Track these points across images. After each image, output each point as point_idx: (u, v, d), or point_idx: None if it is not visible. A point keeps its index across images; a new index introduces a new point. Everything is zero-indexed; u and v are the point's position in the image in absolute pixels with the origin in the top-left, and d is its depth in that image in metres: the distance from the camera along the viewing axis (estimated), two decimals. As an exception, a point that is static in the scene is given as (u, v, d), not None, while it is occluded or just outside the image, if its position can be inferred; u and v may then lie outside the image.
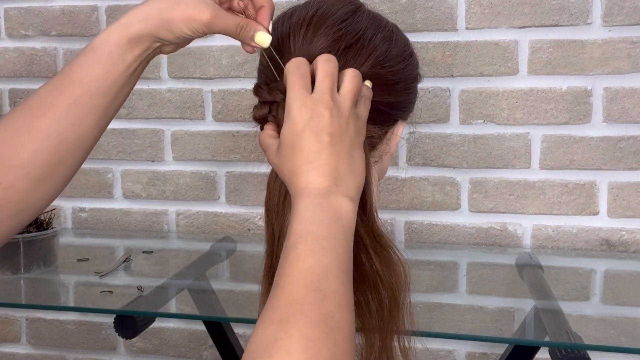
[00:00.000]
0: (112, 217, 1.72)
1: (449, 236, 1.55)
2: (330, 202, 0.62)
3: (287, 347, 0.51)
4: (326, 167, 0.63)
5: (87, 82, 0.67)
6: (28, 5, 1.71)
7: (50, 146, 0.67)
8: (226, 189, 1.66)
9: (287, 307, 0.55)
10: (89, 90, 0.68)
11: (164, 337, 1.72)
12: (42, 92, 0.68)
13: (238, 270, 1.51)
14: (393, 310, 0.67)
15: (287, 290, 0.56)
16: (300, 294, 0.55)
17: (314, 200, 0.62)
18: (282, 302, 0.55)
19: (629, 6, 1.43)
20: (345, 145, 0.64)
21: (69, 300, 1.35)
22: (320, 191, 0.62)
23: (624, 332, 1.11)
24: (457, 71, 1.51)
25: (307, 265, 0.57)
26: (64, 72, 0.69)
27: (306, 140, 0.63)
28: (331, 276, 0.57)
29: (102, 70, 0.68)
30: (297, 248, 0.59)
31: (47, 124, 0.67)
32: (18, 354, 1.81)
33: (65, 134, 0.67)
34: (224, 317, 1.33)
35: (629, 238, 1.47)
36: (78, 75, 0.67)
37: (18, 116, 0.67)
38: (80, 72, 0.68)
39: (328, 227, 0.60)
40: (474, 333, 1.17)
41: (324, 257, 0.58)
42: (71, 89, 0.67)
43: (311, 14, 0.71)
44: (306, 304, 0.55)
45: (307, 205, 0.62)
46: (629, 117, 1.45)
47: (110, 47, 0.68)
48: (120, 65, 0.68)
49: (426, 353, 1.56)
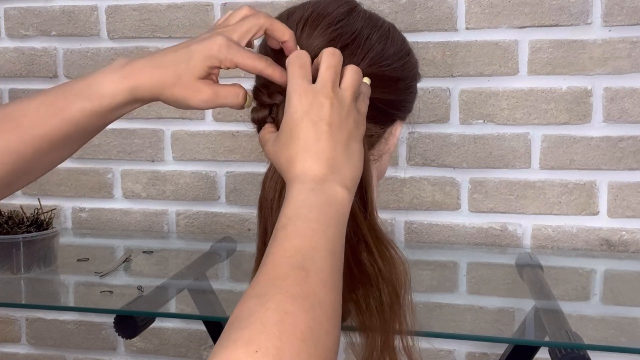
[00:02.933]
0: (112, 217, 1.72)
1: (449, 236, 1.55)
2: (325, 188, 0.62)
3: (262, 319, 0.51)
4: (322, 155, 0.63)
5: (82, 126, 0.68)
6: (28, 5, 1.71)
7: (26, 166, 0.68)
8: (226, 189, 1.66)
9: (268, 282, 0.54)
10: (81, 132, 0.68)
11: (164, 337, 1.72)
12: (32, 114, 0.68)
13: (238, 270, 1.51)
14: (394, 308, 0.68)
15: (270, 267, 0.56)
16: (283, 271, 0.55)
17: (308, 186, 0.62)
18: (264, 277, 0.55)
19: (629, 6, 1.43)
20: (344, 136, 0.64)
21: (69, 300, 1.35)
22: (315, 178, 0.62)
23: (624, 332, 1.11)
24: (457, 71, 1.51)
25: (294, 245, 0.57)
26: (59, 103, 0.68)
27: (304, 128, 0.63)
28: (317, 256, 0.57)
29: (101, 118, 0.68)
30: (285, 229, 0.59)
31: (31, 152, 0.67)
32: (18, 354, 1.81)
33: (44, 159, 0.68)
34: (224, 317, 1.33)
35: (629, 238, 1.47)
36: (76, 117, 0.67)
37: (4, 132, 0.67)
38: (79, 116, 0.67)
39: (320, 210, 0.60)
40: (474, 333, 1.17)
41: (312, 238, 0.58)
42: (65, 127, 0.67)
43: (307, 15, 0.71)
44: (288, 279, 0.54)
45: (301, 189, 0.62)
46: (629, 117, 1.45)
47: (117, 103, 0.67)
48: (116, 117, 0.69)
49: (426, 353, 1.56)
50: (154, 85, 0.67)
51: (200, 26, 1.62)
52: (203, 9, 1.62)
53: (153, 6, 1.64)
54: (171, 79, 0.67)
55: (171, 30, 1.63)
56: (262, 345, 0.49)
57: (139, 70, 0.68)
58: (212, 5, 1.61)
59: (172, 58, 0.68)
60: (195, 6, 1.62)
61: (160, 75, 0.67)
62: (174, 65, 0.68)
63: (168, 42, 1.63)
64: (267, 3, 1.57)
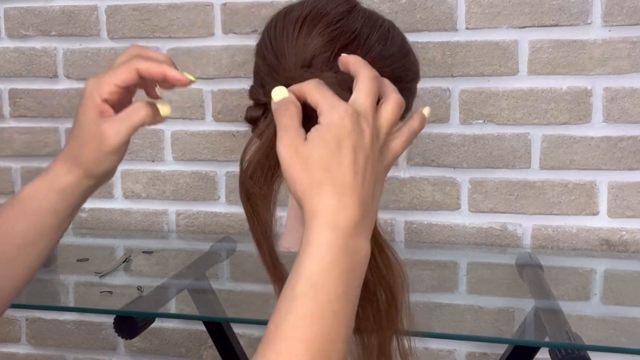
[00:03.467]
0: (112, 217, 1.72)
1: (449, 236, 1.55)
2: (354, 243, 0.55)
3: None
4: (357, 197, 0.56)
5: (10, 238, 0.69)
6: (28, 5, 1.71)
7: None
8: (226, 189, 1.66)
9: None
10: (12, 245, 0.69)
11: (164, 337, 1.72)
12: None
13: (238, 270, 1.51)
14: (391, 312, 0.67)
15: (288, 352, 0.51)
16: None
17: (337, 240, 0.55)
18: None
19: (629, 6, 1.43)
20: (373, 177, 0.58)
21: (69, 301, 1.35)
22: (347, 227, 0.55)
23: (624, 332, 1.11)
24: (457, 71, 1.51)
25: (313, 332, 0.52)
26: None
27: (345, 155, 0.56)
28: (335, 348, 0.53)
29: (29, 223, 0.69)
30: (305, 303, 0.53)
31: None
32: (18, 354, 1.81)
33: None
34: (224, 317, 1.33)
35: (629, 238, 1.47)
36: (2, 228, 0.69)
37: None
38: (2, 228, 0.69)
39: (346, 282, 0.54)
40: (474, 333, 1.17)
41: (332, 325, 0.53)
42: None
43: (305, 14, 0.70)
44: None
45: (330, 243, 0.54)
46: (629, 117, 1.45)
47: (38, 201, 0.69)
48: (50, 216, 0.70)
49: (426, 353, 1.56)
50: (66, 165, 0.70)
51: (200, 26, 1.62)
52: (203, 9, 1.62)
53: (153, 6, 1.64)
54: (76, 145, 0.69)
55: (171, 30, 1.63)
56: None
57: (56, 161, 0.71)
58: (212, 6, 1.61)
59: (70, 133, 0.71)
60: (195, 6, 1.62)
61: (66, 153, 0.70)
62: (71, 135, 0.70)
63: (168, 42, 1.63)
64: (267, 3, 1.57)
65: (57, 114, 1.72)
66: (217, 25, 1.61)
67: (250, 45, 0.75)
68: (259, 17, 1.58)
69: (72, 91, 1.70)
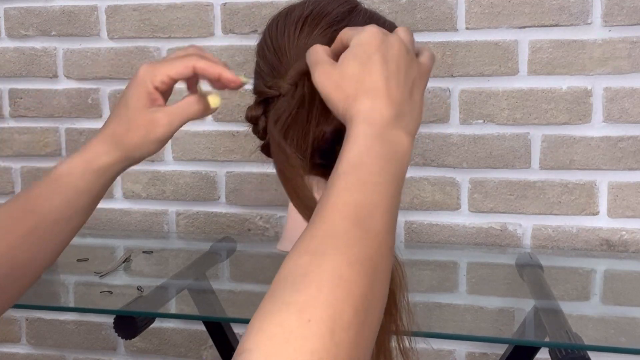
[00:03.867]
0: (112, 217, 1.72)
1: (449, 236, 1.55)
2: (390, 135, 0.59)
3: (318, 282, 0.49)
4: (392, 97, 0.59)
5: (46, 212, 0.70)
6: (28, 5, 1.71)
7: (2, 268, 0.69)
8: (226, 189, 1.66)
9: (325, 239, 0.52)
10: (47, 219, 0.70)
11: (164, 337, 1.72)
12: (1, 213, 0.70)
13: (238, 270, 1.51)
14: (391, 310, 0.67)
15: (328, 220, 0.53)
16: (341, 228, 0.52)
17: (374, 130, 0.58)
18: (321, 232, 0.52)
19: (629, 6, 1.43)
20: (409, 83, 0.61)
21: (69, 300, 1.35)
22: (383, 121, 0.59)
23: (624, 332, 1.11)
24: (457, 71, 1.51)
25: (354, 199, 0.54)
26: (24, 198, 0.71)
27: (375, 66, 0.60)
28: (377, 215, 0.54)
29: (64, 200, 0.70)
30: (346, 178, 0.56)
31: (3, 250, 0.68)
32: (18, 354, 1.81)
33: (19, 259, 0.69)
34: (224, 317, 1.33)
35: (629, 238, 1.47)
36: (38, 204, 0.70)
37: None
38: (39, 202, 0.70)
39: (383, 162, 0.57)
40: (474, 333, 1.17)
41: (373, 194, 0.55)
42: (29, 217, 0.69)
43: (307, 14, 0.71)
44: (345, 238, 0.52)
45: (366, 133, 0.58)
46: (629, 117, 1.45)
47: (74, 179, 0.70)
48: (85, 195, 0.71)
49: (426, 353, 1.56)
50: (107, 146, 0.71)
51: (200, 26, 1.62)
52: (203, 9, 1.62)
53: (153, 6, 1.64)
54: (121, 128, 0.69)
55: (171, 30, 1.63)
56: (317, 314, 0.47)
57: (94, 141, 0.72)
58: (212, 5, 1.61)
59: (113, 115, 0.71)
60: (195, 6, 1.62)
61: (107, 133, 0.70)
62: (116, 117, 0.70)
63: (168, 43, 1.63)
64: (267, 3, 1.57)
65: (57, 114, 1.72)
66: (217, 25, 1.61)
67: (250, 45, 0.75)
68: (259, 17, 1.58)
69: (72, 91, 1.70)
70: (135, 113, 0.69)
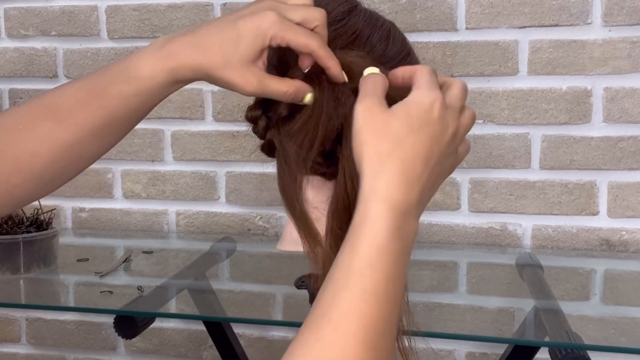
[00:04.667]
0: (112, 217, 1.72)
1: (449, 236, 1.55)
2: (407, 225, 0.55)
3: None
4: (420, 183, 0.55)
5: (121, 111, 0.65)
6: (28, 5, 1.71)
7: (68, 159, 0.66)
8: (226, 189, 1.66)
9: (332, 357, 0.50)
10: (121, 118, 0.66)
11: (164, 337, 1.72)
12: (69, 101, 0.66)
13: (238, 270, 1.51)
14: None
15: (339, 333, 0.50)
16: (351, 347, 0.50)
17: (394, 219, 0.54)
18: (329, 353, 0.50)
19: (629, 6, 1.43)
20: (441, 171, 0.58)
21: (69, 300, 1.35)
22: (404, 208, 0.55)
23: (624, 332, 1.11)
24: (457, 71, 1.51)
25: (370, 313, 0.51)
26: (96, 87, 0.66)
27: (423, 139, 0.55)
28: (388, 332, 0.52)
29: (141, 102, 0.66)
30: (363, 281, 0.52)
31: (72, 141, 0.65)
32: (18, 354, 1.81)
33: (86, 150, 0.67)
34: (224, 317, 1.33)
35: (629, 238, 1.47)
36: (114, 101, 0.65)
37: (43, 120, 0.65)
38: (117, 100, 0.65)
39: (400, 263, 0.55)
40: (474, 333, 1.17)
41: (388, 307, 0.53)
42: (103, 111, 0.65)
43: None
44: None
45: (386, 221, 0.54)
46: (629, 117, 1.45)
47: (156, 84, 0.65)
48: (158, 99, 0.67)
49: (426, 353, 1.56)
50: (197, 66, 0.63)
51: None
52: (203, 9, 1.62)
53: (153, 6, 1.64)
54: (218, 62, 0.62)
55: (171, 30, 1.63)
56: None
57: (179, 50, 0.63)
58: (212, 5, 1.61)
59: (217, 38, 0.62)
60: (195, 6, 1.62)
61: (204, 57, 0.62)
62: (220, 46, 0.62)
63: (168, 42, 1.63)
64: (267, 3, 1.57)
65: (57, 114, 1.72)
66: (217, 25, 1.61)
67: (250, 45, 0.75)
68: (259, 17, 1.57)
69: (72, 91, 1.70)
70: (237, 58, 0.62)
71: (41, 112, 0.66)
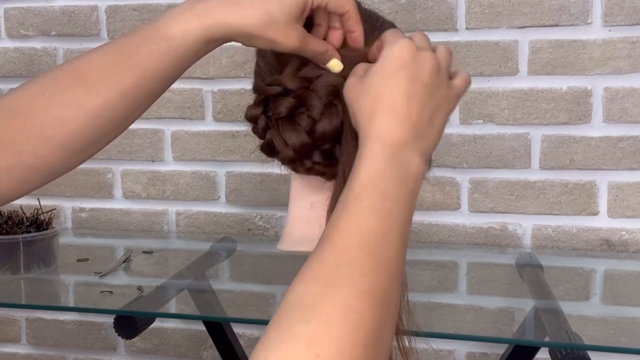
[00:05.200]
0: (112, 217, 1.72)
1: (449, 236, 1.55)
2: (404, 156, 0.57)
3: (327, 315, 0.47)
4: (409, 119, 0.57)
5: (152, 72, 0.63)
6: (28, 5, 1.71)
7: (96, 126, 0.63)
8: (226, 189, 1.66)
9: (335, 267, 0.51)
10: (152, 79, 0.64)
11: (164, 337, 1.72)
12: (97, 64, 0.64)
13: (238, 270, 1.51)
14: None
15: (339, 247, 0.52)
16: (353, 256, 0.51)
17: (387, 151, 0.57)
18: (331, 260, 0.51)
19: (629, 6, 1.43)
20: (432, 105, 0.59)
21: (69, 300, 1.35)
22: (396, 142, 0.57)
23: (624, 332, 1.11)
24: (457, 71, 1.51)
25: (367, 226, 0.53)
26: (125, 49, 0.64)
27: (398, 82, 0.58)
28: (389, 242, 0.54)
29: (172, 63, 0.63)
30: (359, 201, 0.54)
31: (101, 106, 0.63)
32: (18, 354, 1.81)
33: (115, 117, 0.64)
34: (224, 317, 1.33)
35: (629, 238, 1.47)
36: (144, 62, 0.63)
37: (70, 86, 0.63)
38: (147, 61, 0.63)
39: (397, 186, 0.56)
40: (474, 333, 1.17)
41: (385, 220, 0.54)
42: (134, 73, 0.63)
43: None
44: (356, 267, 0.51)
45: (379, 154, 0.57)
46: (629, 117, 1.45)
47: (188, 43, 0.63)
48: (191, 60, 0.65)
49: (426, 353, 1.56)
50: (235, 23, 0.62)
51: (200, 26, 1.62)
52: (203, 9, 1.62)
53: (153, 6, 1.64)
54: (261, 19, 0.62)
55: (171, 30, 1.63)
56: (325, 349, 0.46)
57: (214, 8, 0.62)
58: (212, 5, 1.61)
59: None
60: (195, 6, 1.62)
61: (244, 15, 0.62)
62: (262, 4, 0.62)
63: (168, 42, 1.63)
64: (267, 3, 1.57)
65: (57, 114, 1.72)
66: (217, 25, 1.61)
67: (250, 45, 0.75)
68: (259, 17, 1.57)
69: (72, 91, 1.70)
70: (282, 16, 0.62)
71: (67, 78, 0.64)
